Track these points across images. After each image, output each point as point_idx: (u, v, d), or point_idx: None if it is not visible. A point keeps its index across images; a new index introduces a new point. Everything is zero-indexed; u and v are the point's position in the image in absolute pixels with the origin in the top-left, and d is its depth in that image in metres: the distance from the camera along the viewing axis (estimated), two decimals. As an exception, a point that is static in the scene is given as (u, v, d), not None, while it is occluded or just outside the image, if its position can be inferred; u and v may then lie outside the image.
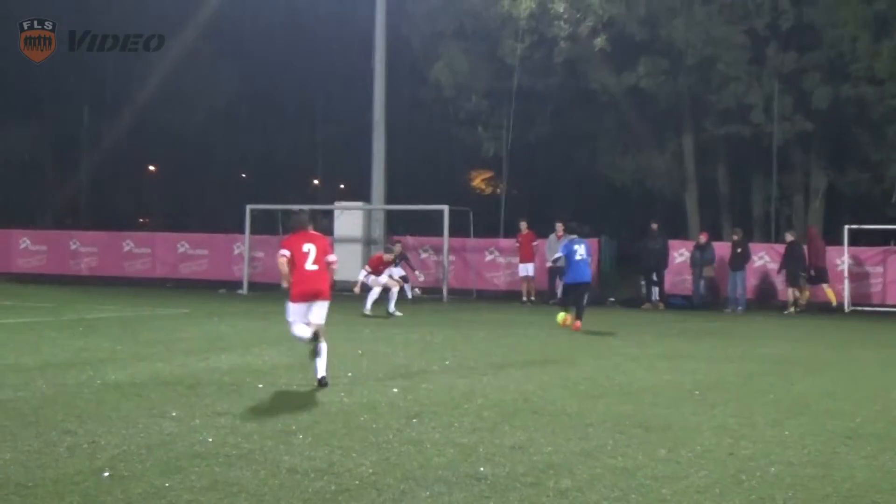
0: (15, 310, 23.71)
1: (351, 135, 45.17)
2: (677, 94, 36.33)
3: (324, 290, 12.66)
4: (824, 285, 28.96)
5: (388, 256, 25.68)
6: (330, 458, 8.26)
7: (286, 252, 12.66)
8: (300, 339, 12.61)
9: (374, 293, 24.47)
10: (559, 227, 29.55)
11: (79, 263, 39.05)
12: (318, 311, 12.60)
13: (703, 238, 30.65)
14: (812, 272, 28.77)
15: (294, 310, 12.57)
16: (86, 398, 10.97)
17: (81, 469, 7.69)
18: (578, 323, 20.72)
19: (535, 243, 30.78)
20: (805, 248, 29.01)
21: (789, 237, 29.45)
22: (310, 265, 12.54)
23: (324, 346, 12.24)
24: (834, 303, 28.63)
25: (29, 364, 13.78)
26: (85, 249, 39.39)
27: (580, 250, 21.17)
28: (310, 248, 12.62)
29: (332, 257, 12.92)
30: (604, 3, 33.29)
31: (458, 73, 37.20)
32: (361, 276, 24.64)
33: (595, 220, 34.61)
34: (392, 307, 24.27)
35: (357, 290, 24.40)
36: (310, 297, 12.57)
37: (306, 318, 12.50)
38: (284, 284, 12.68)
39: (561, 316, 20.90)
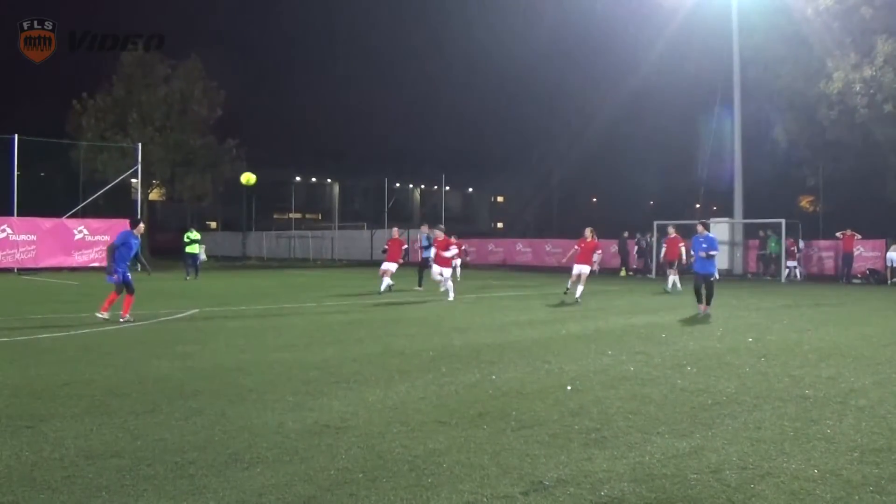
0: (513, 287, 24.72)
1: (720, 175, 43.47)
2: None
3: None
4: None
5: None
6: (707, 382, 8.06)
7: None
8: None
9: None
10: (848, 231, 29.02)
11: (550, 258, 40.15)
12: None
13: None
14: None
15: None
16: (556, 341, 11.29)
17: (554, 384, 7.95)
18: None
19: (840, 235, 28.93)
20: None
21: None
22: None
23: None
24: None
25: (523, 320, 14.36)
26: (553, 251, 40.36)
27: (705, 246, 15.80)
28: None
29: None
30: (894, 82, 30.03)
31: (789, 132, 35.07)
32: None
33: (886, 227, 31.40)
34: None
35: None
36: None
37: None
38: None
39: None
